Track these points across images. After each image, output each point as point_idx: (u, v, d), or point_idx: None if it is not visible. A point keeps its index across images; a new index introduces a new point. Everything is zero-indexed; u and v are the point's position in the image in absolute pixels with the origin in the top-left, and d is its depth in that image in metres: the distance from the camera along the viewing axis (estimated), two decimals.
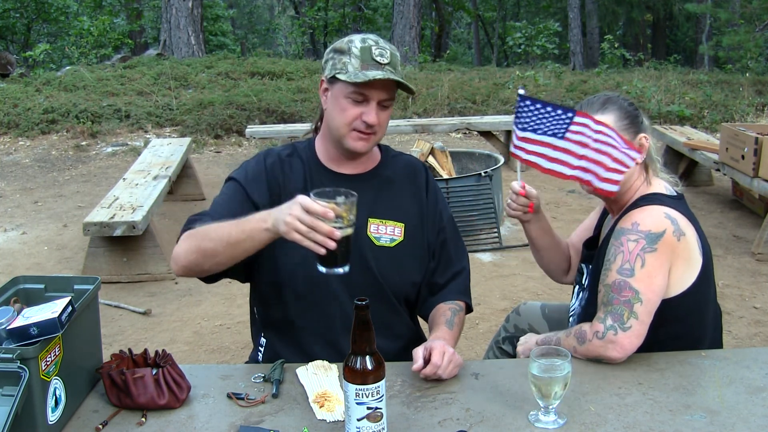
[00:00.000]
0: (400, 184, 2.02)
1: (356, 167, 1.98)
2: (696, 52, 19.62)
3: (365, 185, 1.94)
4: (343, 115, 1.84)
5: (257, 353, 2.05)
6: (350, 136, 1.86)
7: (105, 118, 9.10)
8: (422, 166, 2.11)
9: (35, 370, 1.43)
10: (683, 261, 1.82)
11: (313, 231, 1.53)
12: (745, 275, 4.57)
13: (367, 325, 1.41)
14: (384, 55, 1.81)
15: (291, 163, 1.97)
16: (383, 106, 1.85)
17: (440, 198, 2.08)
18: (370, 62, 1.80)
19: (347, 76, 1.80)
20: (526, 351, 2.03)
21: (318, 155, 1.98)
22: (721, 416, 1.54)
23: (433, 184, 2.08)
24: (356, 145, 1.87)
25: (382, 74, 1.78)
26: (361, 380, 1.39)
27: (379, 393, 1.41)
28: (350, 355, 1.42)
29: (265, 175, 1.94)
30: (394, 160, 2.06)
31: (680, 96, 10.27)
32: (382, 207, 1.97)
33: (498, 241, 5.19)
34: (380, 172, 2.01)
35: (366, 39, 1.85)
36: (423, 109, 9.70)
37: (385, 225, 1.96)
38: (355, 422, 1.41)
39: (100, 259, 4.62)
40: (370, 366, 1.40)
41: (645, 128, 1.97)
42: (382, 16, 22.71)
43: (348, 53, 1.82)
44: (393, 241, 1.96)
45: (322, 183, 1.91)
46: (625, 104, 1.96)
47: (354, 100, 1.82)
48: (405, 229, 1.98)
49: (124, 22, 20.23)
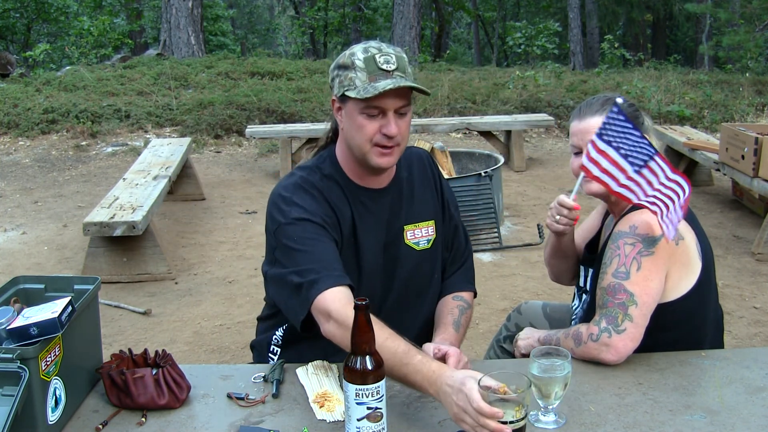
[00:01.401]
0: (419, 182, 2.01)
1: (383, 179, 1.92)
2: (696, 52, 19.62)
3: (393, 194, 1.93)
4: (362, 132, 1.76)
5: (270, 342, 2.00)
6: (373, 152, 1.78)
7: (105, 118, 9.10)
8: (427, 156, 2.09)
9: (35, 370, 1.43)
10: (681, 266, 1.81)
11: (480, 426, 1.39)
12: (745, 275, 4.57)
13: (367, 326, 1.41)
14: (390, 61, 1.73)
15: (329, 187, 1.87)
16: (400, 114, 1.76)
17: (446, 184, 2.08)
18: (377, 72, 1.72)
19: (357, 92, 1.71)
20: (527, 347, 2.02)
21: (346, 173, 1.89)
22: (721, 416, 1.54)
23: (439, 171, 2.08)
24: (381, 161, 1.79)
25: (392, 83, 1.70)
26: (361, 380, 1.39)
27: (379, 393, 1.41)
28: (350, 356, 1.42)
29: (324, 200, 1.82)
30: (405, 158, 2.01)
31: (680, 96, 10.26)
32: (413, 211, 1.96)
33: (498, 241, 5.19)
34: (400, 176, 1.97)
35: (368, 48, 1.76)
36: (423, 109, 9.70)
37: (420, 228, 1.96)
38: (355, 422, 1.41)
39: (100, 259, 4.62)
40: (370, 366, 1.40)
41: (646, 129, 1.96)
42: (382, 16, 22.70)
43: (352, 68, 1.74)
44: (429, 241, 1.97)
45: (361, 202, 1.88)
46: (624, 105, 1.96)
47: (369, 115, 1.74)
48: (435, 224, 1.99)
49: (124, 22, 20.22)
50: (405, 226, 1.94)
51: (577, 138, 1.96)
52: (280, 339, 2.00)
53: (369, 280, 1.89)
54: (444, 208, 2.03)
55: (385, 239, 1.91)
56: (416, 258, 1.94)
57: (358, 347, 1.41)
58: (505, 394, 1.39)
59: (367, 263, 1.88)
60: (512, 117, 8.18)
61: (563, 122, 9.34)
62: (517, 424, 1.38)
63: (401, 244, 1.92)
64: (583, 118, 1.95)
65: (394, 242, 1.92)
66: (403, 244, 1.92)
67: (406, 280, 1.94)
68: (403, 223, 1.93)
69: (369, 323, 1.41)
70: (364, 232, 1.88)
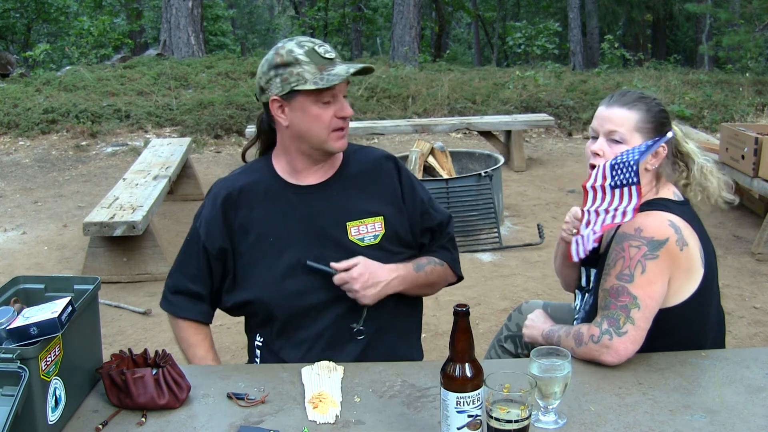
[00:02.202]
0: (368, 177, 2.00)
1: (320, 174, 1.97)
2: (696, 52, 19.60)
3: (333, 190, 1.95)
4: (320, 121, 1.84)
5: (254, 353, 2.05)
6: (331, 138, 1.87)
7: (105, 118, 9.10)
8: (387, 155, 2.09)
9: (35, 370, 1.43)
10: (684, 272, 1.80)
11: None
12: (745, 275, 4.57)
13: (467, 332, 1.38)
14: (329, 50, 1.84)
15: (250, 189, 1.96)
16: (344, 95, 1.88)
17: (415, 180, 2.07)
18: (324, 62, 1.81)
19: (313, 84, 1.78)
20: (532, 337, 2.02)
21: (279, 173, 1.97)
22: (721, 416, 1.54)
23: (404, 169, 2.06)
24: (338, 144, 1.89)
25: (345, 68, 1.80)
26: (462, 388, 1.37)
27: (479, 400, 1.38)
28: (449, 363, 1.38)
29: (222, 216, 1.96)
30: (357, 156, 2.04)
31: (680, 96, 10.26)
32: (357, 206, 1.96)
33: (498, 241, 5.19)
34: (344, 172, 1.99)
35: (302, 42, 1.84)
36: (423, 109, 9.70)
37: (365, 224, 1.95)
38: (455, 431, 1.38)
39: (100, 259, 4.62)
40: (470, 373, 1.37)
41: (671, 138, 1.90)
42: (382, 16, 22.70)
43: (296, 63, 1.80)
44: (377, 237, 1.96)
45: (287, 200, 1.93)
46: (656, 109, 1.90)
47: (323, 103, 1.82)
48: (385, 220, 1.97)
49: (124, 22, 20.20)
50: (348, 222, 1.94)
51: (598, 123, 1.93)
52: (261, 343, 2.02)
53: (298, 272, 1.91)
54: (405, 204, 2.01)
55: (317, 233, 1.92)
56: (362, 253, 1.93)
57: (458, 354, 1.38)
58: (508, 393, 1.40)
59: (291, 257, 1.91)
60: (512, 117, 8.17)
61: (563, 122, 9.34)
62: (521, 423, 1.39)
63: (345, 240, 1.93)
64: (612, 106, 1.91)
65: (335, 237, 1.93)
66: (347, 240, 1.93)
67: None
68: (346, 219, 1.94)
69: (469, 330, 1.38)
70: (282, 227, 1.93)
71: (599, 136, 1.92)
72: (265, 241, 1.93)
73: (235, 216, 1.95)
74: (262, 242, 1.94)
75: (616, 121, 1.88)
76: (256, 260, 1.94)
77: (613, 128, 1.89)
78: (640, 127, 1.88)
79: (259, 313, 1.98)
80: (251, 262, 1.94)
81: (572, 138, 9.14)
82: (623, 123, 1.88)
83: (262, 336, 2.02)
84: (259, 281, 1.93)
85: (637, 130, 1.87)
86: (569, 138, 9.15)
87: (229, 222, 1.95)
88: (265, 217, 1.94)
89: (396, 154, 5.14)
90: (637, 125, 1.87)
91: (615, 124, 1.89)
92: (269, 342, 1.99)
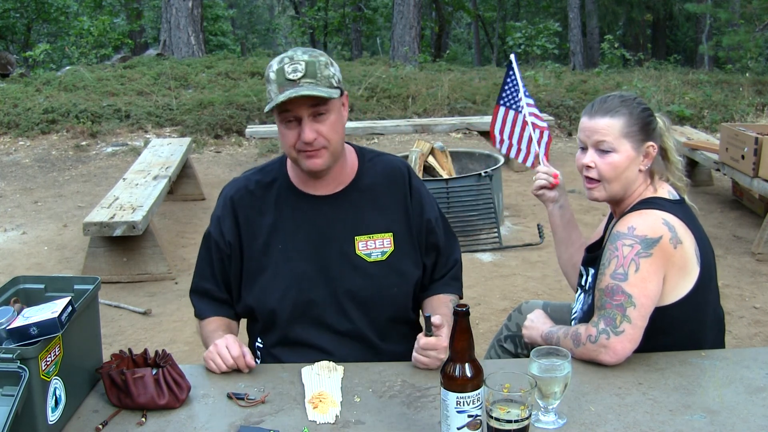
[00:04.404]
0: (382, 191, 1.97)
1: (331, 186, 1.94)
2: (696, 52, 19.61)
3: (345, 202, 1.93)
4: (285, 140, 1.83)
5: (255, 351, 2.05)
6: (300, 157, 1.83)
7: (105, 118, 9.10)
8: (403, 166, 2.04)
9: (35, 370, 1.43)
10: (678, 270, 1.80)
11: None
12: (745, 275, 4.57)
13: (467, 332, 1.38)
14: (298, 69, 1.75)
15: (262, 194, 1.95)
16: (319, 115, 1.78)
17: (425, 197, 2.03)
18: (284, 83, 1.75)
19: (267, 104, 1.79)
20: (532, 337, 2.02)
21: (291, 180, 1.96)
22: (721, 416, 1.54)
23: (416, 184, 2.02)
24: (309, 164, 1.83)
25: (291, 92, 1.72)
26: (462, 388, 1.37)
27: (479, 400, 1.39)
28: (450, 363, 1.39)
29: (233, 216, 1.96)
30: (373, 165, 1.99)
31: (680, 96, 10.26)
32: (367, 221, 1.93)
33: (498, 241, 5.19)
34: (359, 183, 1.96)
35: (283, 59, 1.80)
36: (423, 109, 9.70)
37: (373, 240, 1.93)
38: (455, 431, 1.39)
39: (100, 259, 4.62)
40: (470, 373, 1.38)
41: (656, 136, 1.93)
42: (382, 16, 22.70)
43: (268, 81, 1.79)
44: (384, 253, 1.93)
45: (298, 209, 1.92)
46: (637, 110, 1.91)
47: (286, 122, 1.80)
48: (394, 237, 1.94)
49: (124, 22, 20.20)
50: (356, 236, 1.92)
51: (584, 135, 1.93)
52: (262, 345, 2.03)
53: (303, 282, 1.90)
54: (412, 221, 1.97)
55: (324, 245, 1.91)
56: (367, 269, 1.91)
57: (458, 354, 1.38)
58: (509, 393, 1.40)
59: (297, 266, 1.91)
60: None
61: (563, 122, 9.34)
62: (521, 423, 1.39)
63: (352, 254, 1.91)
64: (594, 116, 1.91)
65: (342, 250, 1.91)
66: (354, 254, 1.92)
67: (353, 289, 1.92)
68: (355, 234, 1.92)
69: (469, 330, 1.39)
70: (290, 236, 1.91)
71: (588, 148, 1.93)
72: (273, 248, 1.92)
73: (245, 216, 1.95)
74: (269, 249, 1.93)
75: (602, 131, 1.88)
76: (262, 266, 1.93)
77: (600, 138, 1.89)
78: (626, 132, 1.88)
79: (261, 319, 1.97)
80: (258, 267, 1.94)
81: (572, 138, 9.14)
82: (609, 132, 1.88)
83: (263, 341, 2.02)
84: (263, 288, 1.93)
85: (624, 136, 1.88)
86: (569, 138, 9.15)
87: (238, 221, 1.95)
88: (275, 224, 1.93)
89: (396, 154, 5.13)
90: (622, 131, 1.88)
91: (601, 134, 1.89)
92: (269, 347, 1.99)
